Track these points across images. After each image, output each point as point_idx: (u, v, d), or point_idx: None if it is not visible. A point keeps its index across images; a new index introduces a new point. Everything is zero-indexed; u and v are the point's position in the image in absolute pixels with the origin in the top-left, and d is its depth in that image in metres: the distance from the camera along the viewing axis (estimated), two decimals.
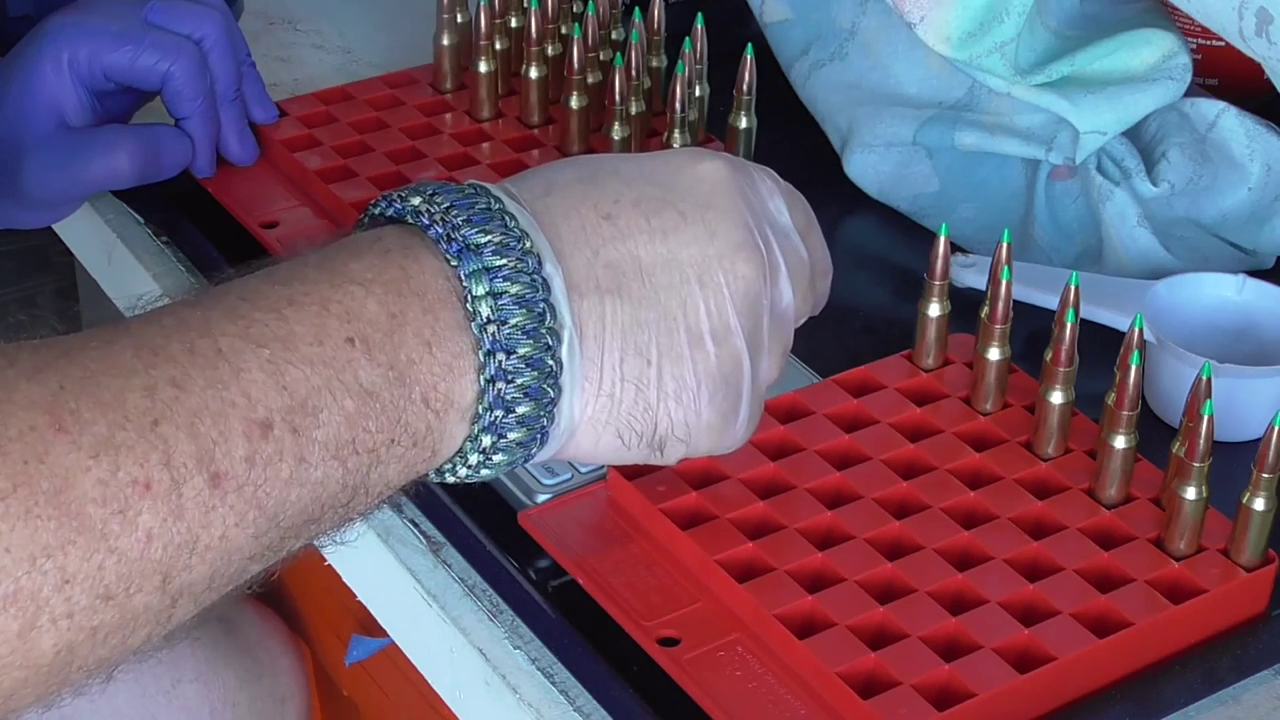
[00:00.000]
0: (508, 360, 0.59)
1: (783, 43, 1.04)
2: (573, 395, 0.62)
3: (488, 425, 0.60)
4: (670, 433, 0.64)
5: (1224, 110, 0.95)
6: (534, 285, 0.60)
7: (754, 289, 0.64)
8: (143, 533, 0.52)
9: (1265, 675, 0.73)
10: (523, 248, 0.60)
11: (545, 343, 0.60)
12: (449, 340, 0.59)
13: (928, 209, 0.99)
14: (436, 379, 0.58)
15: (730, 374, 0.65)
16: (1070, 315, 0.76)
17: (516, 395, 0.60)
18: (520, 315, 0.59)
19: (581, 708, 0.71)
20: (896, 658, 0.68)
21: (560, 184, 0.64)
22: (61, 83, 0.90)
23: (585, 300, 0.62)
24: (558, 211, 0.62)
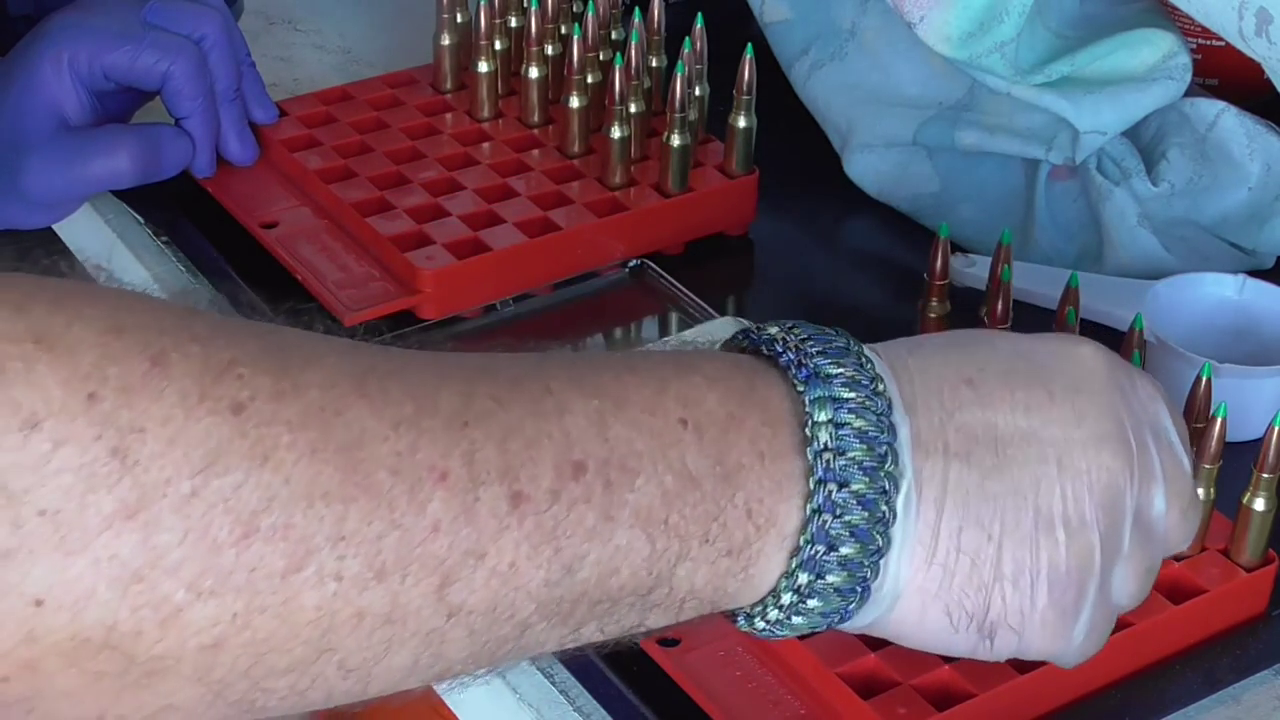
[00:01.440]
0: (838, 493, 0.56)
1: (783, 43, 1.04)
2: (902, 553, 0.57)
3: (806, 560, 0.56)
4: (1003, 619, 0.59)
5: (1224, 110, 0.95)
6: (880, 426, 0.57)
7: (1118, 484, 0.60)
8: (429, 520, 0.49)
9: (1265, 675, 0.73)
10: (874, 388, 0.57)
11: (881, 486, 0.56)
12: (782, 459, 0.56)
13: (928, 209, 0.99)
14: (764, 492, 0.55)
15: (1078, 569, 0.59)
16: (1070, 315, 0.76)
17: (842, 533, 0.56)
18: (859, 450, 0.56)
19: (581, 708, 0.71)
20: (896, 658, 0.68)
21: (927, 346, 0.62)
22: (61, 82, 0.90)
23: (930, 459, 0.58)
24: (917, 368, 0.60)
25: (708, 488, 0.54)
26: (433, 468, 0.49)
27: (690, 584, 0.55)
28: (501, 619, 0.51)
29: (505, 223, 0.92)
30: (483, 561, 0.50)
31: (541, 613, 0.52)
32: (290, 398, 0.48)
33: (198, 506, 0.46)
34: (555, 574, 0.52)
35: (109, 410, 0.46)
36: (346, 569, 0.48)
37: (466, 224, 0.92)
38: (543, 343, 0.89)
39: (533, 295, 0.92)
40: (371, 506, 0.48)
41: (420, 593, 0.50)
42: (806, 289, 0.96)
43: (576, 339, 0.91)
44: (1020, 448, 0.59)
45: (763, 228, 0.98)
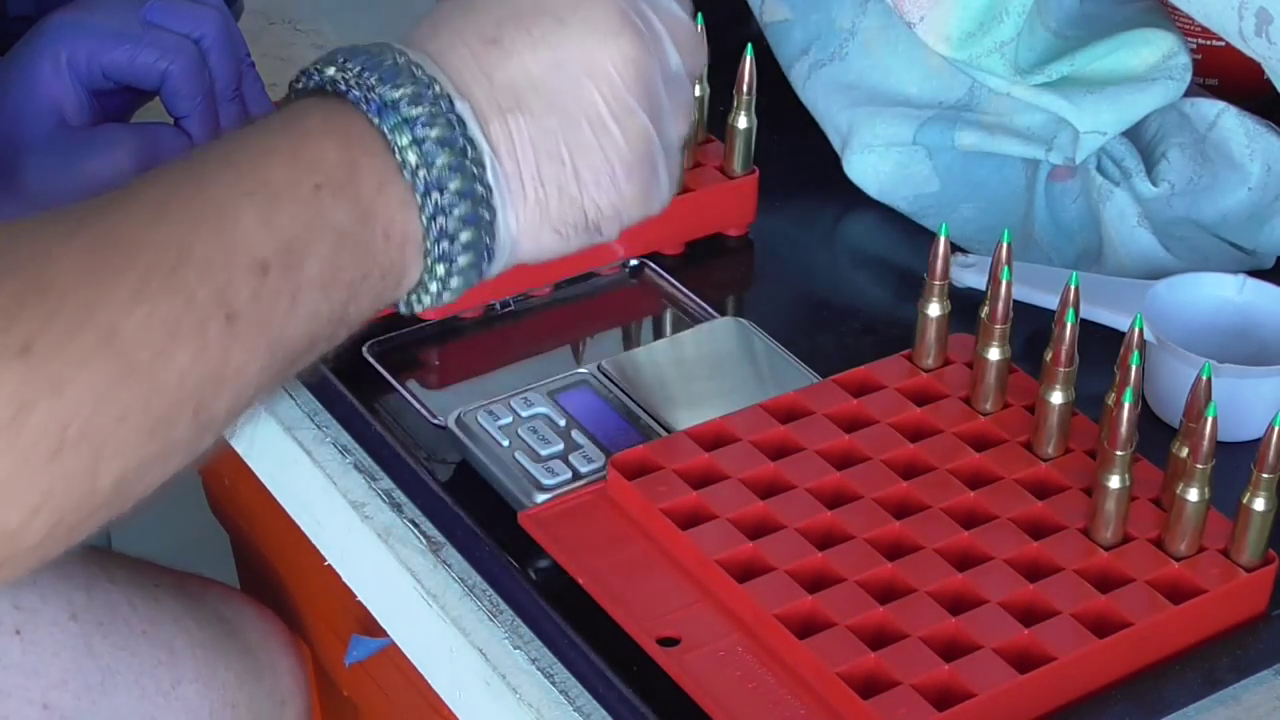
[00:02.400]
0: (442, 197, 0.65)
1: (783, 43, 1.04)
2: (505, 212, 0.67)
3: (439, 256, 0.65)
4: (600, 215, 0.69)
5: (1224, 110, 0.95)
6: (450, 124, 0.65)
7: (641, 64, 0.69)
8: (177, 371, 0.58)
9: (1265, 675, 0.73)
10: (433, 92, 0.66)
11: (471, 173, 0.65)
12: (393, 182, 0.64)
13: (928, 209, 0.99)
14: (393, 214, 0.64)
15: (640, 148, 0.69)
16: (1070, 315, 0.76)
17: (457, 225, 0.65)
18: (445, 154, 0.65)
19: (581, 708, 0.71)
20: (896, 658, 0.68)
21: (444, 20, 0.70)
22: (60, 81, 0.90)
23: (492, 125, 0.67)
24: (449, 47, 0.68)
25: (355, 234, 0.63)
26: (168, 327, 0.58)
27: (359, 312, 0.64)
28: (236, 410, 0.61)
29: None
30: (221, 380, 0.60)
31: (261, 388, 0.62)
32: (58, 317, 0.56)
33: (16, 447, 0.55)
34: (268, 359, 0.61)
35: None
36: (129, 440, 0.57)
37: None
38: (543, 343, 0.90)
39: (533, 295, 0.92)
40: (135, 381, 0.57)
41: (182, 427, 0.59)
42: (806, 289, 0.96)
43: (576, 339, 0.91)
44: (554, 77, 0.68)
45: (763, 228, 0.98)
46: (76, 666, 0.94)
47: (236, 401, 0.61)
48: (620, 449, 0.78)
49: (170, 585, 1.00)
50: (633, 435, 0.81)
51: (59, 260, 0.58)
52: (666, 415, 0.82)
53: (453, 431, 0.81)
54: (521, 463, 0.79)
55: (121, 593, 0.96)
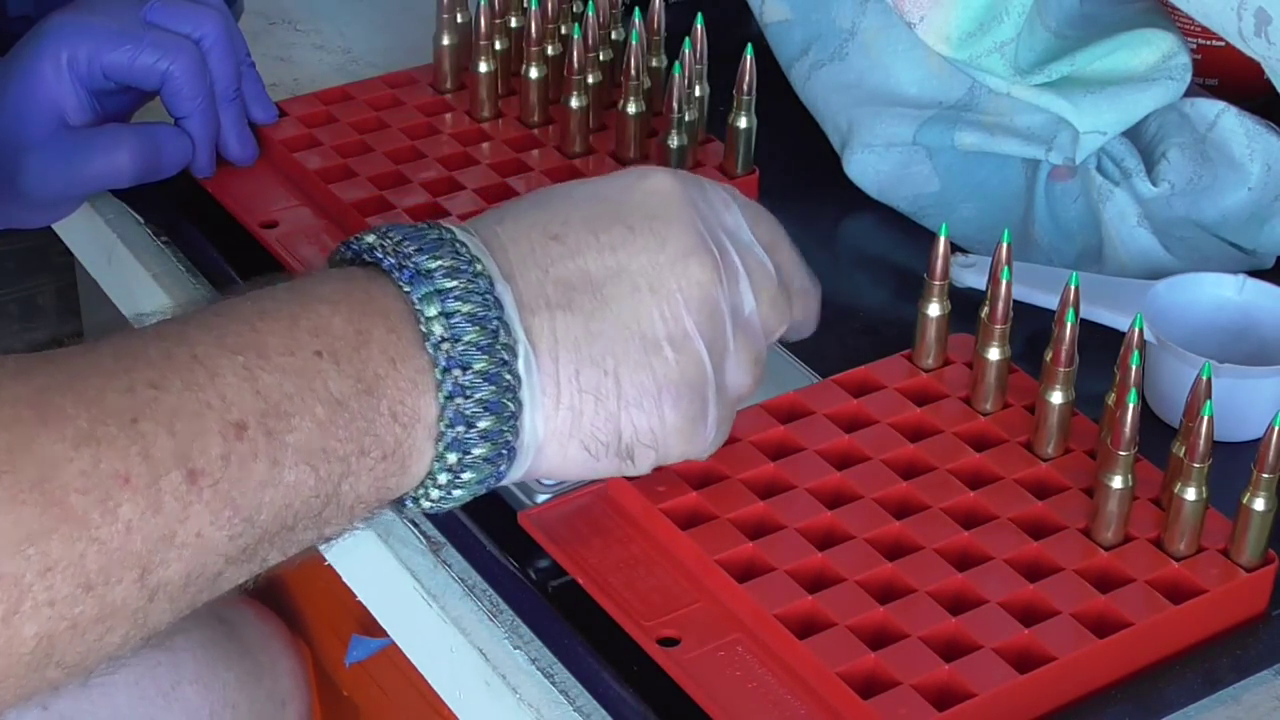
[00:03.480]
0: (464, 375, 0.61)
1: (783, 43, 1.04)
2: (534, 409, 0.63)
3: (451, 442, 0.62)
4: (636, 440, 0.66)
5: (1224, 110, 0.95)
6: (486, 304, 0.62)
7: (709, 293, 0.66)
8: (122, 524, 0.53)
9: (1265, 675, 0.73)
10: (473, 270, 0.62)
11: (500, 358, 0.62)
12: (411, 357, 0.61)
13: (928, 209, 0.99)
14: (403, 393, 0.60)
15: (693, 377, 0.66)
16: (1070, 315, 0.76)
17: (476, 410, 0.61)
18: (473, 332, 0.61)
19: (581, 708, 0.71)
20: (896, 658, 0.68)
21: (512, 212, 0.66)
22: (61, 82, 0.90)
23: (536, 316, 0.63)
24: (508, 237, 0.65)
25: (355, 406, 0.59)
26: (116, 474, 0.53)
27: (356, 493, 0.60)
28: (195, 581, 0.56)
29: None
30: (174, 542, 0.55)
31: (229, 561, 0.57)
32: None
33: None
34: (238, 528, 0.56)
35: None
36: (58, 593, 0.52)
37: None
38: None
39: None
40: (71, 531, 0.52)
41: (124, 588, 0.54)
42: None
43: None
44: (614, 284, 0.64)
45: None
46: None
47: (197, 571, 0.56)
48: None
49: None
50: None
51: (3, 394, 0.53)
52: None
53: None
54: None
55: None
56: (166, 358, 0.57)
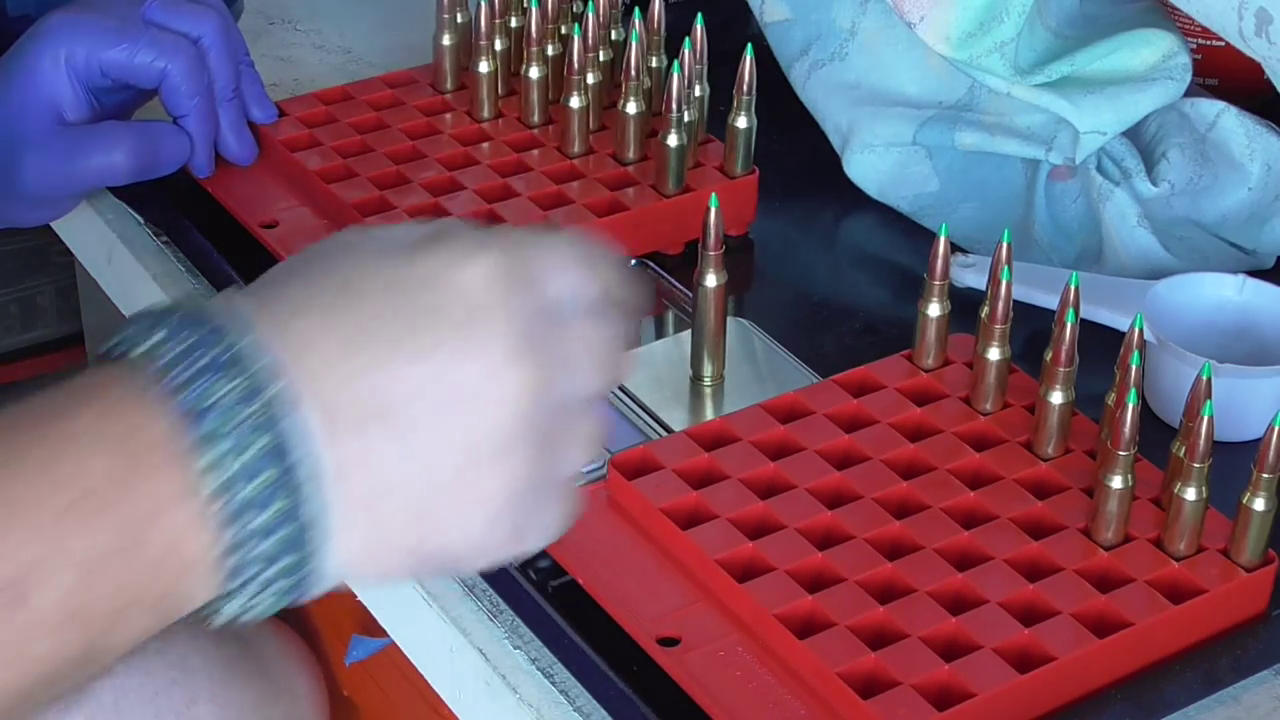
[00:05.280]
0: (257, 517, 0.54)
1: (783, 43, 1.04)
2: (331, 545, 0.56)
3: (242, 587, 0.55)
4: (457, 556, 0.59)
5: (1224, 110, 0.95)
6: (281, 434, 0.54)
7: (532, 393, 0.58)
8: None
9: (1265, 675, 0.73)
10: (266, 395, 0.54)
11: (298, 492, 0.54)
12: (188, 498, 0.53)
13: (928, 209, 0.99)
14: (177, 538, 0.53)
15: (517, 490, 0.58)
16: (1070, 315, 0.76)
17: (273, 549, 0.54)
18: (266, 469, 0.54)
19: (581, 708, 0.71)
20: (896, 658, 0.68)
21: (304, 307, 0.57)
22: (59, 79, 0.90)
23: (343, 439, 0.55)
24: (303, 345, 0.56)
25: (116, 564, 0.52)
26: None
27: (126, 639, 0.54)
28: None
29: (505, 223, 0.92)
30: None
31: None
32: None
33: None
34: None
35: None
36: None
37: None
38: None
39: None
40: None
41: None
42: (806, 289, 0.96)
43: None
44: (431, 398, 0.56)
45: (763, 228, 0.98)
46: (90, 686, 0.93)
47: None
48: (620, 449, 0.78)
49: None
50: (633, 435, 0.81)
51: None
52: (666, 415, 0.82)
53: None
54: None
55: None
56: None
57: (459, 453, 0.57)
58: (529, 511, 0.59)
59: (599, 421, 0.61)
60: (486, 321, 0.57)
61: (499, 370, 0.57)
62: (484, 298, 0.58)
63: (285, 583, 0.55)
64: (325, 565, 0.56)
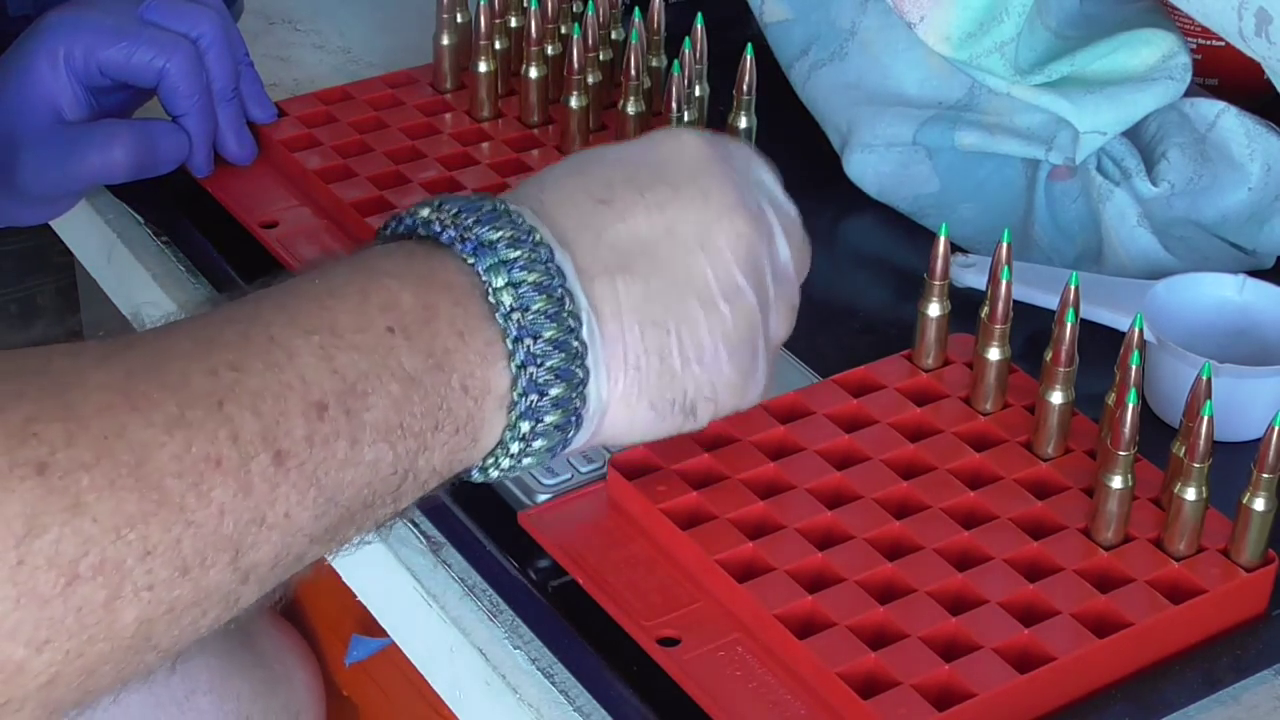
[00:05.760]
0: (535, 344, 0.61)
1: (783, 43, 1.04)
2: (599, 374, 0.64)
3: (524, 411, 0.62)
4: (699, 394, 0.67)
5: (1224, 110, 0.95)
6: (549, 273, 0.62)
7: (754, 246, 0.67)
8: (215, 507, 0.54)
9: (1265, 675, 0.73)
10: (533, 240, 0.63)
11: (568, 325, 0.62)
12: (480, 330, 0.61)
13: (928, 209, 0.99)
14: (473, 366, 0.61)
15: (745, 330, 0.67)
16: (1070, 315, 0.76)
17: (548, 378, 0.62)
18: (541, 301, 0.62)
19: (581, 708, 0.71)
20: (896, 658, 0.68)
21: (553, 180, 0.67)
22: (58, 78, 0.90)
23: (596, 283, 0.64)
24: (556, 204, 0.65)
25: (427, 382, 0.59)
26: (207, 458, 0.54)
27: (431, 467, 0.61)
28: (283, 561, 0.57)
29: None
30: (264, 523, 0.55)
31: (314, 541, 0.58)
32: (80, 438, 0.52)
33: (24, 571, 0.50)
34: (322, 507, 0.57)
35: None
36: (156, 578, 0.53)
37: None
38: None
39: None
40: (168, 515, 0.53)
41: (218, 571, 0.54)
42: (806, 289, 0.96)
43: None
44: (666, 244, 0.65)
45: None
46: None
47: (284, 551, 0.56)
48: (620, 449, 0.78)
49: None
50: None
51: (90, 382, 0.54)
52: None
53: None
54: None
55: None
56: (244, 339, 0.57)
57: (697, 291, 0.66)
58: (753, 357, 0.68)
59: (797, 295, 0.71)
60: (709, 175, 0.67)
61: (725, 215, 0.66)
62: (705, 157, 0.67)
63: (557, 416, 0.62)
64: (588, 403, 0.64)
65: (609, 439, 0.67)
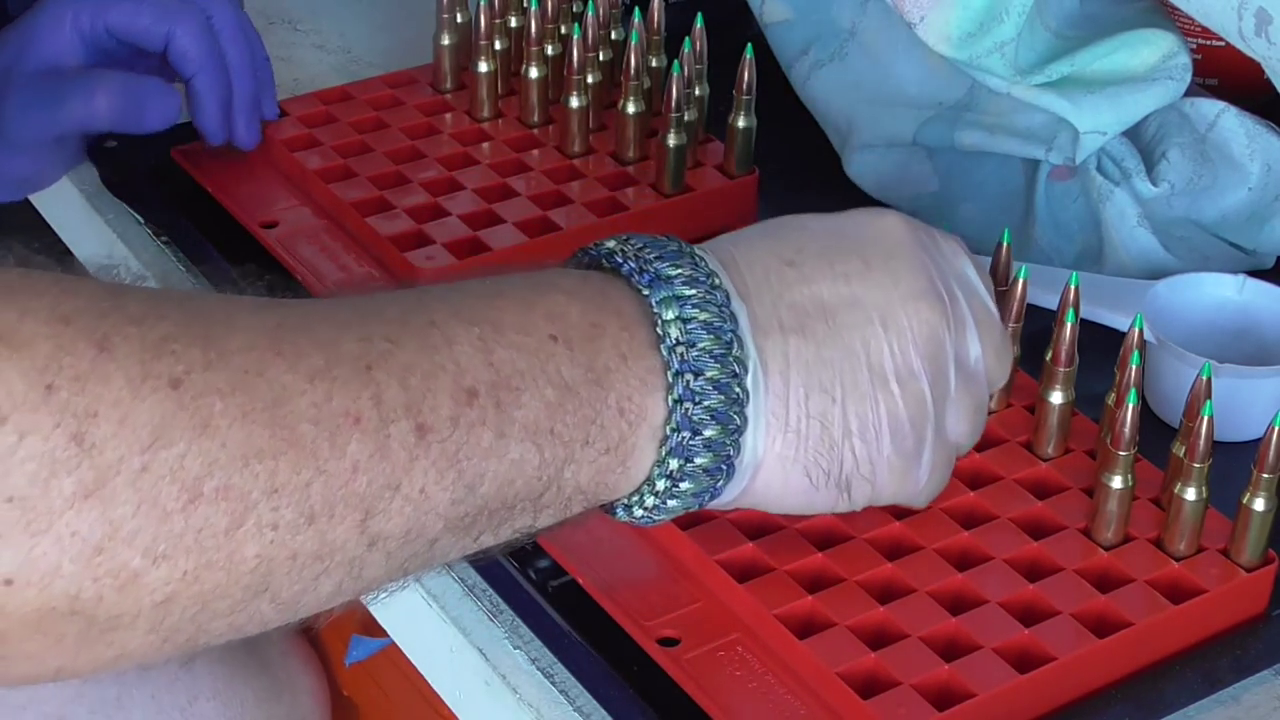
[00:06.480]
0: (695, 381, 0.61)
1: (783, 43, 1.04)
2: (758, 427, 0.63)
3: (675, 447, 0.62)
4: (855, 471, 0.66)
5: (1224, 110, 0.95)
6: (722, 316, 0.62)
7: (937, 334, 0.66)
8: (349, 462, 0.54)
9: (1265, 675, 0.73)
10: (711, 283, 0.63)
11: (732, 369, 0.62)
12: (643, 357, 0.61)
13: (928, 209, 0.99)
14: (631, 390, 0.61)
15: (914, 415, 0.66)
16: (1070, 315, 0.76)
17: (703, 417, 0.62)
18: (708, 340, 0.62)
19: (581, 708, 0.71)
20: (896, 658, 0.68)
21: (746, 237, 0.67)
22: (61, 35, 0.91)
23: (770, 338, 0.64)
24: (743, 259, 0.65)
25: (584, 394, 0.60)
26: (347, 413, 0.54)
27: (576, 483, 0.61)
28: (414, 540, 0.56)
29: (505, 223, 0.92)
30: (398, 492, 0.55)
31: (448, 528, 0.57)
32: (218, 366, 0.53)
33: (148, 479, 0.51)
34: (460, 493, 0.57)
35: (65, 399, 0.50)
36: (281, 518, 0.53)
37: (466, 224, 0.92)
38: None
39: None
40: (299, 457, 0.53)
41: (345, 528, 0.54)
42: None
43: None
44: (847, 314, 0.65)
45: None
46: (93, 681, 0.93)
47: (416, 529, 0.56)
48: None
49: None
50: None
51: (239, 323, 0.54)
52: None
53: None
54: None
55: None
56: (403, 319, 0.58)
57: (869, 367, 0.65)
58: (919, 445, 0.66)
59: (985, 398, 0.69)
60: (906, 258, 0.66)
61: (912, 299, 0.66)
62: (904, 239, 0.67)
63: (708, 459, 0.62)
64: (742, 455, 0.63)
65: (760, 500, 0.66)
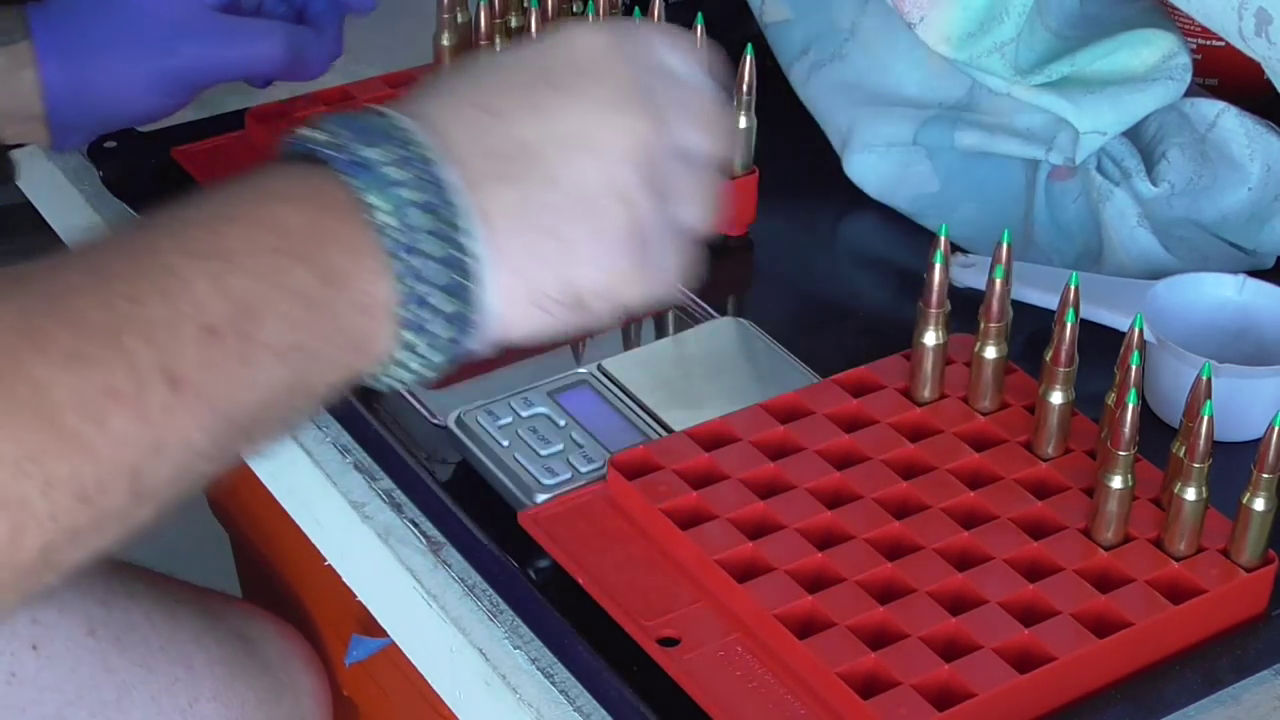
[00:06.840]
0: (417, 260, 0.62)
1: (783, 43, 1.04)
2: (490, 283, 0.64)
3: (414, 324, 0.62)
4: (592, 291, 0.66)
5: (1224, 110, 0.95)
6: (427, 185, 0.62)
7: (643, 140, 0.65)
8: (114, 437, 0.55)
9: (1265, 675, 0.73)
10: (415, 155, 0.63)
11: (450, 237, 0.62)
12: (366, 247, 0.61)
13: (928, 209, 0.99)
14: (364, 283, 0.61)
15: (635, 225, 0.66)
16: (1070, 315, 0.76)
17: (432, 289, 0.62)
18: (420, 216, 0.62)
19: (581, 708, 0.71)
20: (896, 658, 0.68)
21: (437, 86, 0.67)
22: None
23: (479, 191, 0.63)
24: (440, 114, 0.65)
25: (320, 301, 0.60)
26: (106, 390, 0.55)
27: (325, 383, 0.62)
28: (178, 481, 0.58)
29: None
30: (163, 449, 0.57)
31: (210, 460, 0.59)
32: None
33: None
34: (219, 428, 0.58)
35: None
36: (59, 507, 0.54)
37: None
38: None
39: None
40: (67, 448, 0.54)
41: (117, 496, 0.56)
42: (806, 289, 0.96)
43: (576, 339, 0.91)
44: (549, 147, 0.64)
45: (763, 228, 0.98)
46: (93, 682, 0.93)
47: (180, 473, 0.58)
48: (620, 449, 0.78)
49: (190, 601, 0.99)
50: (633, 435, 0.81)
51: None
52: (666, 415, 0.82)
53: (453, 431, 0.81)
54: (521, 462, 0.79)
55: (140, 609, 0.95)
56: (138, 270, 0.58)
57: (577, 193, 0.64)
58: (649, 251, 0.66)
59: (711, 178, 0.68)
60: (596, 73, 0.66)
61: (611, 112, 0.65)
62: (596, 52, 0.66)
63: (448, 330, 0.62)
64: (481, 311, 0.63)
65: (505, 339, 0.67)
